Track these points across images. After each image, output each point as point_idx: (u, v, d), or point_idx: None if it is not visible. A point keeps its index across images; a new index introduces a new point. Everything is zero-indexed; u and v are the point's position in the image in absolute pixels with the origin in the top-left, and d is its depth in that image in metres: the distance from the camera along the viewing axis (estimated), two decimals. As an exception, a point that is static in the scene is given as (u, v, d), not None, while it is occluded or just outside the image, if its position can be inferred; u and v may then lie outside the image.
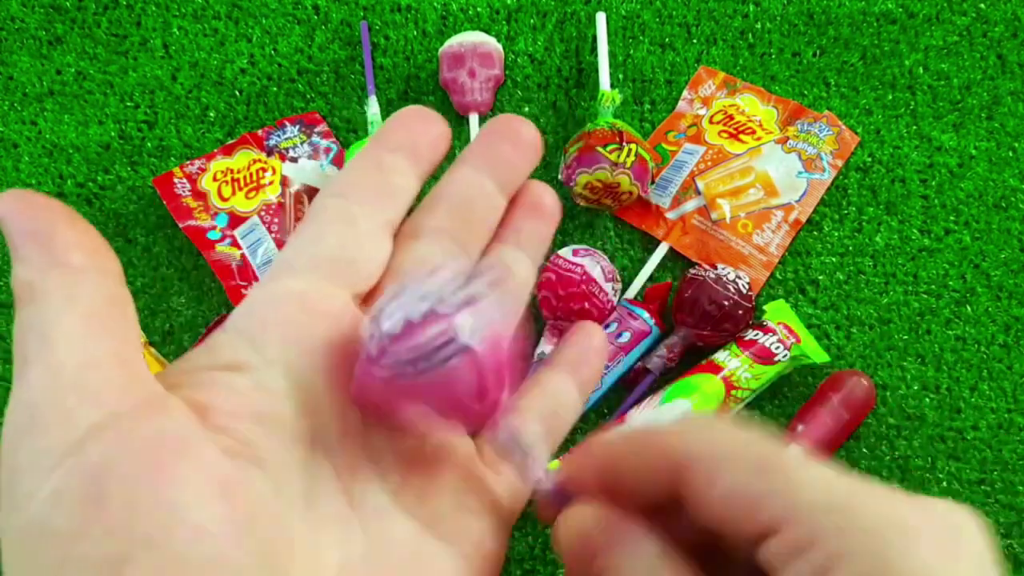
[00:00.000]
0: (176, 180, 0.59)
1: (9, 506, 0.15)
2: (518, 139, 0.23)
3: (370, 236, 0.21)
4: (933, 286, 0.57)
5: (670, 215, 0.59)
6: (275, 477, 0.17)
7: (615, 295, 0.54)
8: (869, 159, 0.61)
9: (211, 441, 0.17)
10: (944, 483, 0.53)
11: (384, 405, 0.18)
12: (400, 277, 0.21)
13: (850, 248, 0.58)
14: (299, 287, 0.20)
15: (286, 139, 0.61)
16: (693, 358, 0.53)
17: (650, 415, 0.51)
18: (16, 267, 0.17)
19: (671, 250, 0.58)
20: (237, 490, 0.16)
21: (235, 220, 0.58)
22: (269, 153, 0.61)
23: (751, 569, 0.18)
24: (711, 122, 0.61)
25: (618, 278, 0.55)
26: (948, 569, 0.16)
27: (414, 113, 0.22)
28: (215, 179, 0.59)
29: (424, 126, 0.22)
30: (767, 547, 0.17)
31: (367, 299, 0.21)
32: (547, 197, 0.24)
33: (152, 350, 0.53)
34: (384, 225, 0.21)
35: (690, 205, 0.58)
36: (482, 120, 0.61)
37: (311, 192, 0.59)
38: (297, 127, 0.62)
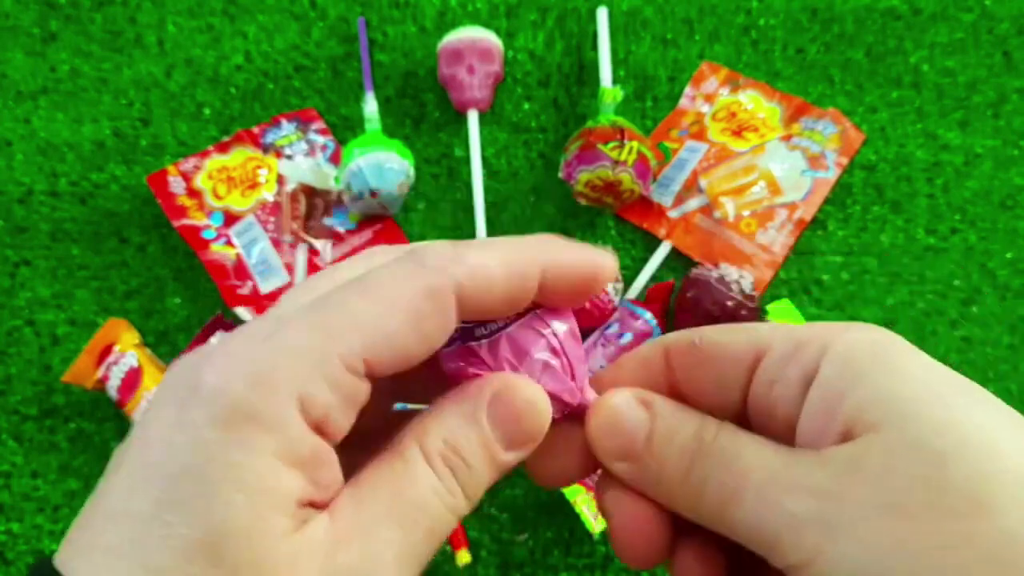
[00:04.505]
0: (171, 178, 0.58)
1: None
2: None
3: None
4: (939, 286, 0.57)
5: (672, 214, 0.58)
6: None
7: (616, 295, 0.54)
8: (874, 157, 0.60)
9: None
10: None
11: None
12: None
13: (855, 247, 0.58)
14: None
15: (282, 136, 0.60)
16: (696, 359, 0.53)
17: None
18: None
19: (673, 249, 0.57)
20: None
21: (230, 219, 0.57)
22: (265, 151, 0.60)
23: None
24: (714, 119, 0.61)
25: (619, 278, 0.54)
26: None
27: None
28: (210, 177, 0.58)
29: None
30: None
31: None
32: None
33: (147, 351, 0.52)
34: None
35: (692, 203, 0.58)
36: (481, 117, 0.60)
37: (307, 191, 0.58)
38: (293, 124, 0.61)
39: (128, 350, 0.51)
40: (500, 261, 0.19)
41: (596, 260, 0.20)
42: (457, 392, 0.20)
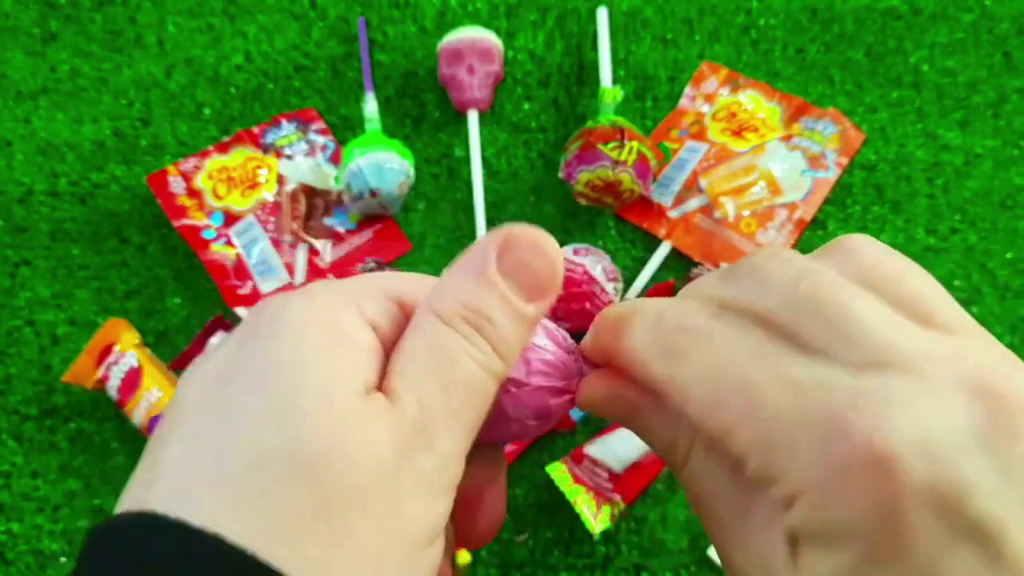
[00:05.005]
0: (170, 178, 0.58)
1: None
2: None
3: None
4: (939, 286, 0.57)
5: (672, 214, 0.58)
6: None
7: (617, 295, 0.54)
8: (874, 157, 0.60)
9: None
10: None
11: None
12: None
13: (855, 247, 0.58)
14: None
15: (282, 136, 0.60)
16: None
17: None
18: None
19: (673, 249, 0.57)
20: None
21: (230, 219, 0.57)
22: (265, 151, 0.60)
23: None
24: (714, 119, 0.61)
25: (620, 278, 0.54)
26: None
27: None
28: (210, 177, 0.58)
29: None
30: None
31: None
32: None
33: (147, 351, 0.52)
34: None
35: (693, 203, 0.58)
36: (481, 117, 0.60)
37: (307, 191, 0.58)
38: (293, 124, 0.61)
39: (128, 350, 0.51)
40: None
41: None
42: (461, 258, 0.20)
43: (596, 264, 0.52)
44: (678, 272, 0.57)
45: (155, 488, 0.16)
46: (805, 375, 0.16)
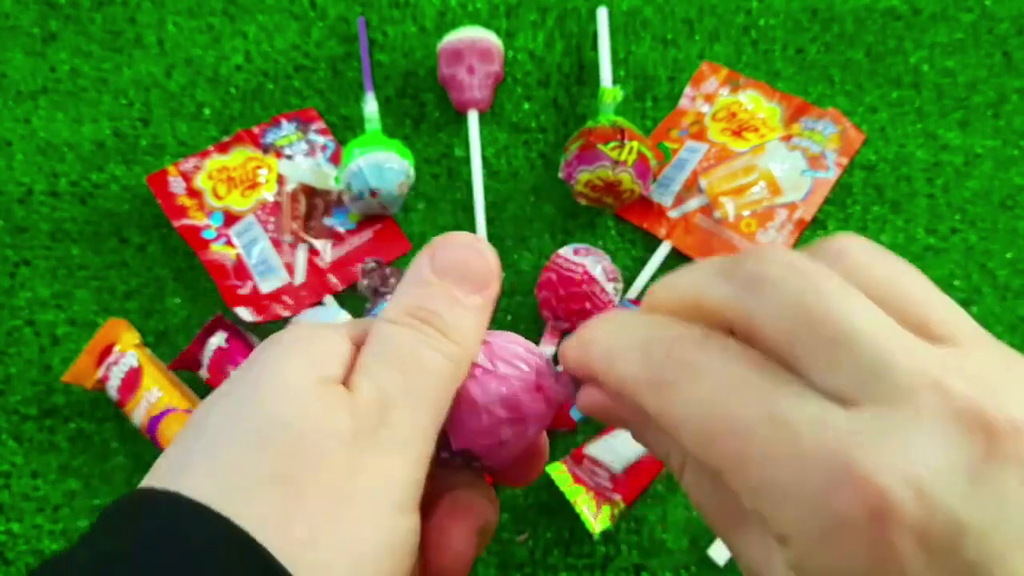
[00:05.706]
0: (171, 178, 0.58)
1: None
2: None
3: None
4: (939, 286, 0.56)
5: (672, 214, 0.58)
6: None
7: (616, 295, 0.54)
8: (874, 157, 0.60)
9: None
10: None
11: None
12: None
13: (855, 247, 0.58)
14: None
15: (282, 136, 0.60)
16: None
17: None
18: None
19: (673, 249, 0.57)
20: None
21: (230, 219, 0.57)
22: (265, 151, 0.60)
23: None
24: (714, 119, 0.61)
25: (620, 278, 0.54)
26: None
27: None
28: (210, 177, 0.58)
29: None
30: None
31: None
32: None
33: (147, 351, 0.52)
34: None
35: (693, 203, 0.58)
36: (481, 117, 0.60)
37: (307, 191, 0.58)
38: (293, 124, 0.61)
39: (128, 350, 0.51)
40: None
41: None
42: (403, 277, 0.22)
43: (596, 264, 0.52)
44: (678, 272, 0.57)
45: (161, 469, 0.19)
46: (798, 413, 0.16)
